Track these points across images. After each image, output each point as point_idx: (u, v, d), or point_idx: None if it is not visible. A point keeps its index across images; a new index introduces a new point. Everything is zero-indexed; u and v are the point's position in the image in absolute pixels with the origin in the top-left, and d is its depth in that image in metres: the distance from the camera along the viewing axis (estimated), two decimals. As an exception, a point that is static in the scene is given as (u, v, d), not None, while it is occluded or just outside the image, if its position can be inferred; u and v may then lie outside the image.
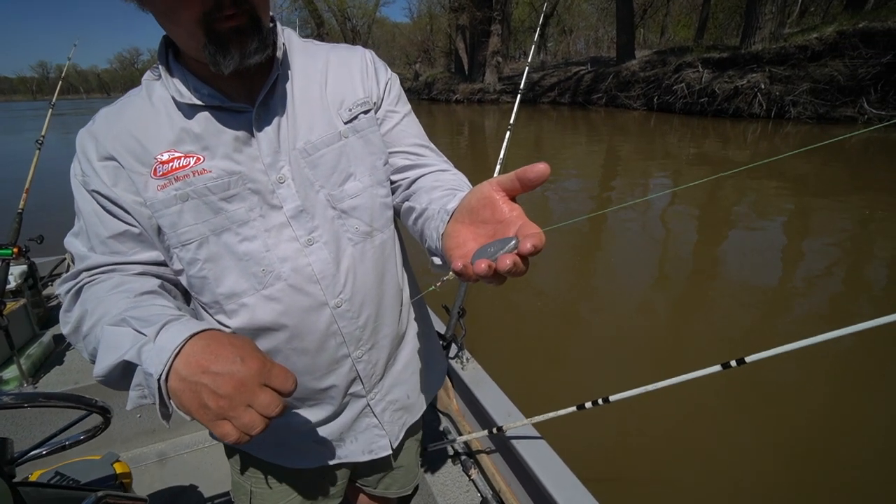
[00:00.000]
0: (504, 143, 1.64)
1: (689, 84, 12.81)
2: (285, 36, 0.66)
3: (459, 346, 1.57)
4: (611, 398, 1.08)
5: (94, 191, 0.59)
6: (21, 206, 1.91)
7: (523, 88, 1.77)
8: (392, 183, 0.75)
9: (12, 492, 0.70)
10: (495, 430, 1.28)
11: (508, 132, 1.64)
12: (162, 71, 0.60)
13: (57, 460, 0.98)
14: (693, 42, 16.14)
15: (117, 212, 0.60)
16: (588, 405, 1.12)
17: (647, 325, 3.13)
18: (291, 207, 0.63)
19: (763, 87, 11.03)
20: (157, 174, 0.58)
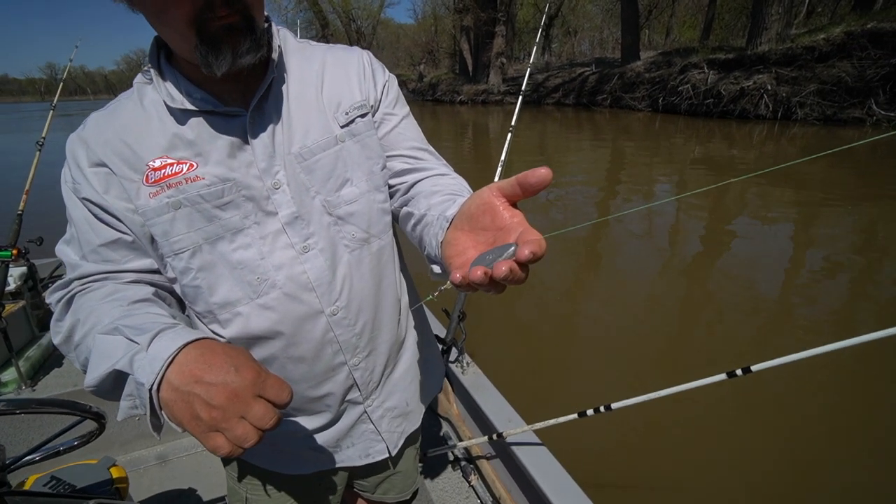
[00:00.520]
0: (505, 144, 1.63)
1: (695, 85, 12.74)
2: (280, 37, 0.64)
3: (460, 351, 1.55)
4: (613, 406, 1.06)
5: (85, 198, 0.58)
6: (21, 207, 1.91)
7: (525, 90, 1.77)
8: (390, 187, 0.73)
9: None
10: (495, 435, 1.27)
11: (510, 134, 1.63)
12: (153, 74, 0.58)
13: (54, 464, 0.97)
14: (698, 43, 16.05)
15: (109, 220, 0.58)
16: (590, 412, 1.10)
17: (650, 332, 3.10)
18: (286, 214, 0.62)
19: (769, 88, 10.94)
20: (149, 181, 0.57)
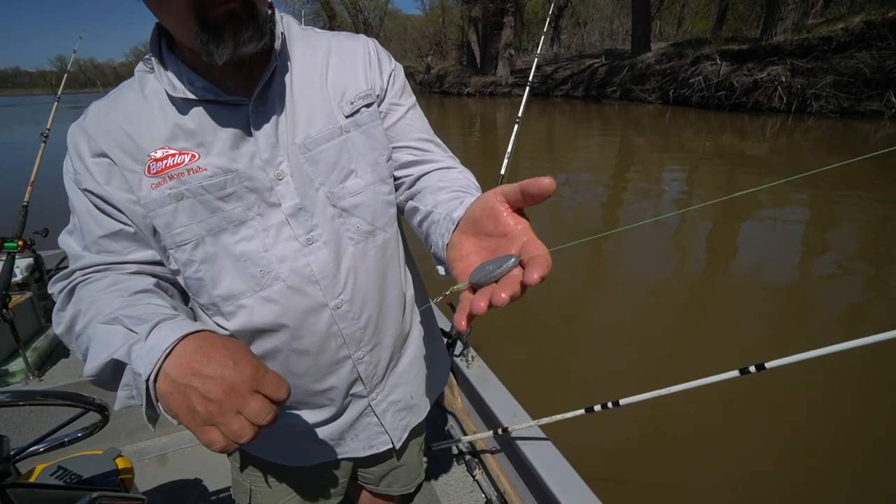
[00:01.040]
0: (512, 136, 1.61)
1: (707, 77, 12.50)
2: (284, 24, 0.62)
3: (465, 344, 1.54)
4: (621, 402, 1.05)
5: (86, 189, 0.57)
6: (26, 199, 1.92)
7: (532, 80, 1.74)
8: (395, 179, 0.72)
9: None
10: (501, 430, 1.25)
11: (517, 125, 1.61)
12: (154, 63, 0.57)
13: (59, 454, 0.98)
14: (711, 34, 15.74)
15: (111, 211, 0.58)
16: (597, 408, 1.09)
17: (658, 327, 3.06)
18: (290, 205, 0.61)
19: (784, 80, 10.71)
20: (151, 172, 0.56)
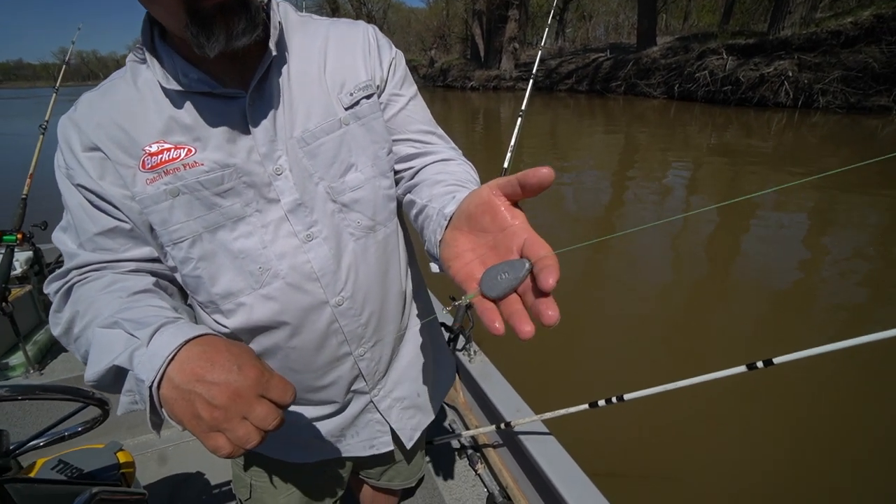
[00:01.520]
0: (515, 129, 1.59)
1: (713, 71, 12.36)
2: (281, 12, 0.60)
3: (467, 339, 1.53)
4: (625, 397, 1.03)
5: (79, 185, 0.55)
6: (25, 191, 1.90)
7: (537, 73, 1.72)
8: (396, 173, 0.70)
9: None
10: (503, 425, 1.25)
11: (520, 118, 1.60)
12: (146, 54, 0.55)
13: (61, 448, 0.98)
14: (718, 28, 15.55)
15: (106, 207, 0.56)
16: (601, 403, 1.08)
17: (662, 323, 3.05)
18: (289, 201, 0.59)
19: (791, 74, 10.58)
20: (146, 167, 0.54)
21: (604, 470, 1.86)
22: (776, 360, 0.81)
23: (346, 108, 0.62)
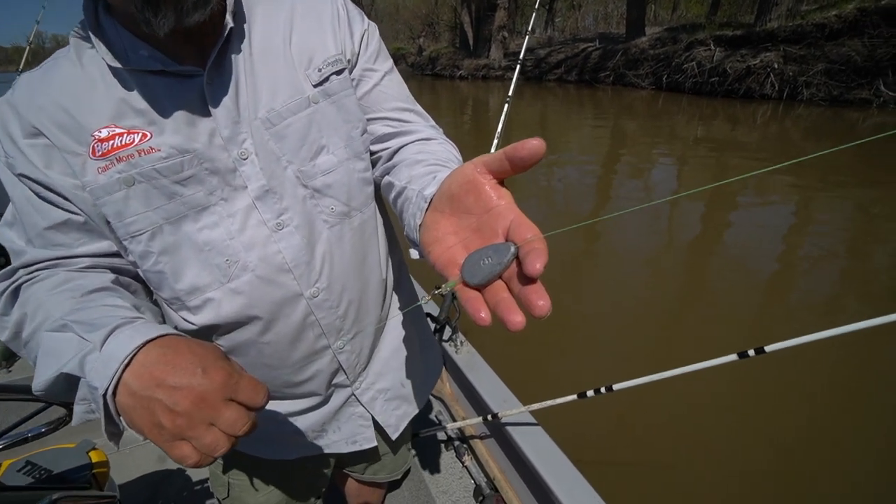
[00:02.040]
0: (502, 116, 1.57)
1: (700, 63, 12.40)
2: None
3: (453, 329, 1.50)
4: (614, 387, 1.02)
5: (22, 175, 0.50)
6: None
7: (524, 59, 1.70)
8: (372, 154, 0.66)
9: None
10: (490, 416, 1.23)
11: (507, 105, 1.57)
12: (89, 32, 0.49)
13: (29, 449, 0.93)
14: (706, 19, 15.58)
15: (54, 198, 0.51)
16: (590, 393, 1.06)
17: (652, 311, 3.06)
18: (256, 187, 0.55)
19: (776, 66, 10.67)
20: (97, 154, 0.49)
21: (592, 460, 1.86)
22: (768, 349, 0.79)
23: (315, 86, 0.57)
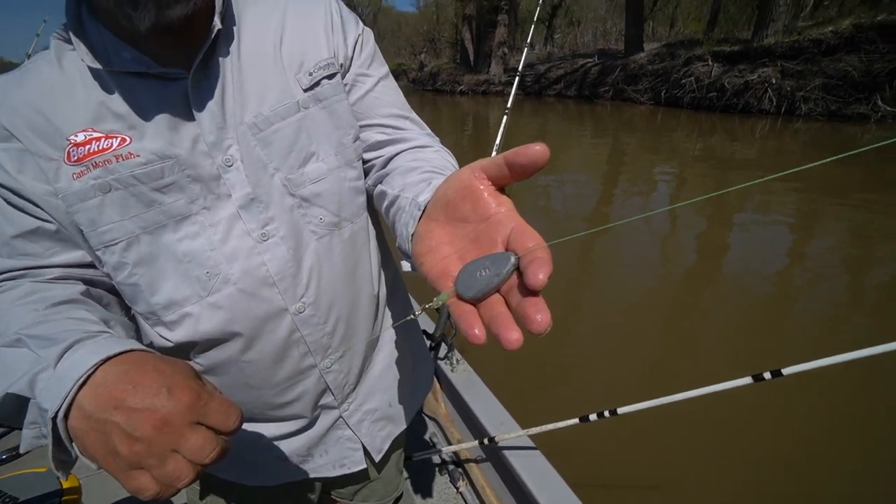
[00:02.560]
0: (500, 128, 1.56)
1: (699, 78, 12.54)
2: None
3: (449, 347, 1.45)
4: (619, 410, 0.96)
5: None
6: None
7: (521, 71, 1.72)
8: (365, 162, 0.62)
9: None
10: (487, 439, 1.16)
11: (505, 117, 1.57)
12: (69, 32, 0.47)
13: (3, 471, 0.87)
14: (703, 35, 15.81)
15: (25, 205, 0.48)
16: (593, 417, 1.00)
17: (653, 331, 2.99)
18: (241, 196, 0.52)
19: (774, 82, 10.77)
20: (72, 160, 0.46)
21: (593, 484, 1.78)
22: (785, 371, 0.73)
23: (305, 90, 0.54)
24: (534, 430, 1.08)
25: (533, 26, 2.00)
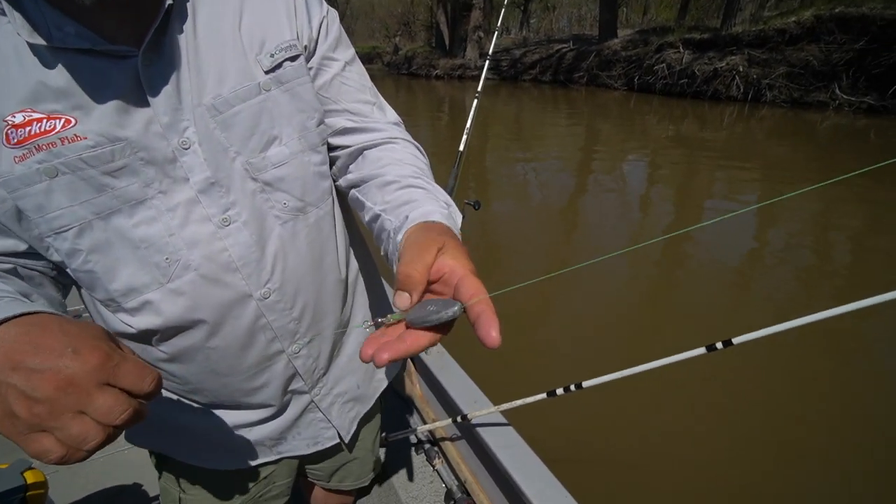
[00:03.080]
0: (471, 112, 1.57)
1: (670, 65, 12.76)
2: None
3: (424, 329, 1.46)
4: (584, 384, 1.00)
5: None
6: None
7: (496, 56, 1.71)
8: (330, 148, 0.62)
9: None
10: (461, 417, 1.19)
11: (476, 100, 1.59)
12: (4, 4, 0.43)
13: None
14: (675, 22, 16.04)
15: None
16: (559, 391, 1.03)
17: (621, 308, 3.10)
18: (200, 179, 0.50)
19: (741, 69, 11.07)
20: (11, 142, 0.44)
21: (564, 458, 1.86)
22: (735, 341, 0.78)
23: (267, 72, 0.53)
24: (505, 406, 1.11)
25: (503, 9, 1.99)
